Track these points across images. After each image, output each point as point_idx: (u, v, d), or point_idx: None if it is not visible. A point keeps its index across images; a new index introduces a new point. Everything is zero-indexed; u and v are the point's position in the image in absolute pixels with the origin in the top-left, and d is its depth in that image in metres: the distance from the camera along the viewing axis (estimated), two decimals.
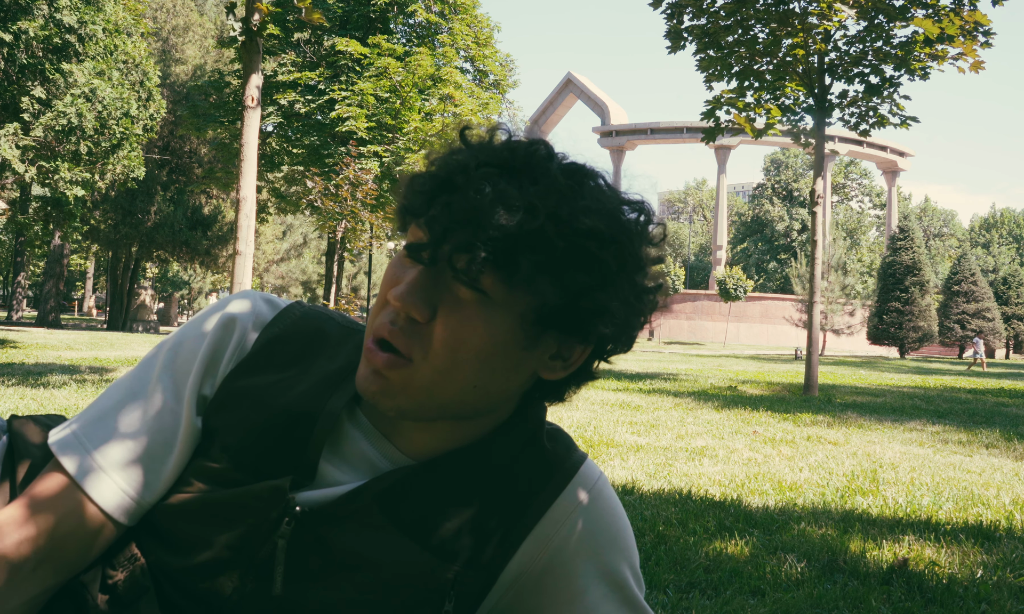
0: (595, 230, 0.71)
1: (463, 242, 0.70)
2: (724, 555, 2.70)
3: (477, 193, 0.70)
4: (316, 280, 51.94)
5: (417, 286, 0.73)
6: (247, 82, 7.01)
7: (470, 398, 0.76)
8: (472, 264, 0.70)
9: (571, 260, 0.71)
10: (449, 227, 0.70)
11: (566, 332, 0.75)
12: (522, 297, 0.72)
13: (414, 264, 0.75)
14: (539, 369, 0.78)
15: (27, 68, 14.72)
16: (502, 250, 0.69)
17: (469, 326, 0.72)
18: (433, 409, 0.76)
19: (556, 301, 0.72)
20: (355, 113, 19.79)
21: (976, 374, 20.77)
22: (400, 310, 0.73)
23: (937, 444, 6.07)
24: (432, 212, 0.72)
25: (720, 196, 48.26)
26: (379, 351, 0.74)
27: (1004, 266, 60.80)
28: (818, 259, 10.46)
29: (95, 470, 0.77)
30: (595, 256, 0.71)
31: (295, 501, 0.77)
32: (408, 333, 0.73)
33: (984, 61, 9.70)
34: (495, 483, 0.82)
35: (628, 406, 7.82)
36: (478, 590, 0.81)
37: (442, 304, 0.73)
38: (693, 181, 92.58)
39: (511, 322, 0.73)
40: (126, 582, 0.78)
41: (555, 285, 0.71)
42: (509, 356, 0.75)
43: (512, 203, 0.69)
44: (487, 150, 0.74)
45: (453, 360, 0.73)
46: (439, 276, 0.73)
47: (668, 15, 10.76)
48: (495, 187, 0.70)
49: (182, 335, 0.84)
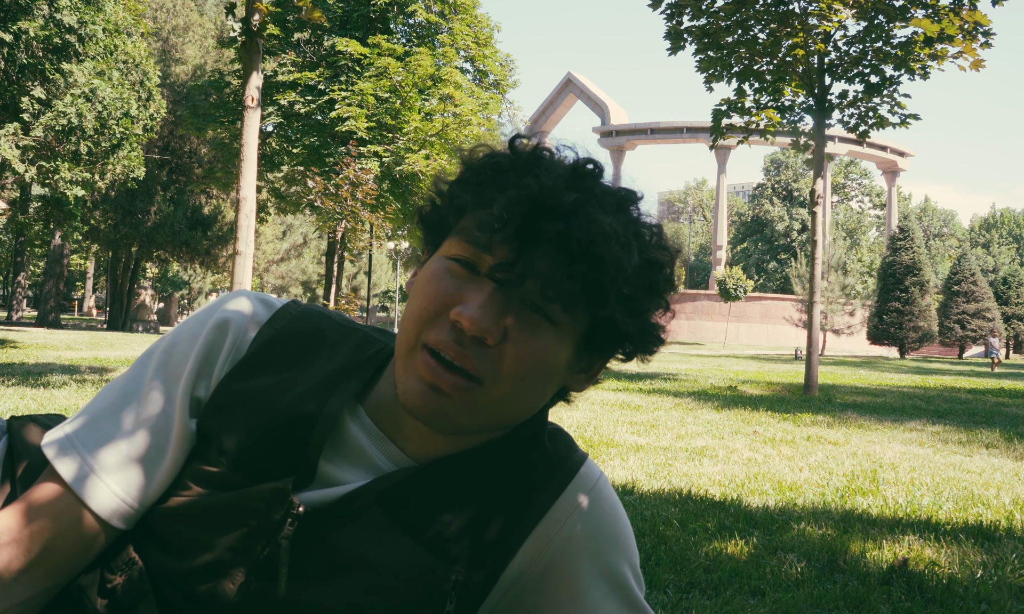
0: (659, 262, 0.76)
1: (561, 270, 0.70)
2: (724, 555, 2.70)
3: (580, 221, 0.70)
4: (316, 280, 51.94)
5: (493, 308, 0.72)
6: (247, 82, 7.01)
7: (522, 417, 0.79)
8: (568, 293, 0.71)
9: (643, 290, 0.75)
10: (547, 252, 0.70)
11: (608, 352, 0.80)
12: (581, 321, 0.75)
13: (474, 279, 0.73)
14: (569, 383, 0.81)
15: (27, 68, 14.72)
16: (598, 282, 0.71)
17: (539, 351, 0.73)
18: (486, 427, 0.77)
19: (626, 329, 0.75)
20: (355, 113, 19.78)
21: (980, 374, 20.74)
22: (471, 331, 0.71)
23: (937, 444, 6.06)
24: (518, 231, 0.71)
25: (720, 196, 48.24)
26: (445, 371, 0.72)
27: (1004, 266, 60.80)
28: (818, 259, 10.46)
29: (89, 475, 0.77)
30: (658, 287, 0.77)
31: (297, 502, 0.77)
32: (476, 355, 0.72)
33: (984, 59, 9.70)
34: (496, 483, 0.82)
35: (628, 406, 7.82)
36: (479, 590, 0.81)
37: (510, 327, 0.73)
38: (693, 181, 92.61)
39: (571, 346, 0.76)
40: (124, 586, 0.78)
41: (630, 314, 0.75)
42: (560, 378, 0.78)
43: (616, 236, 0.71)
44: (559, 170, 0.74)
45: (520, 383, 0.74)
46: (509, 296, 0.73)
47: (668, 16, 10.75)
48: (597, 216, 0.71)
49: (176, 336, 0.83)
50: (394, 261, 58.92)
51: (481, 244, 0.72)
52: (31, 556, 0.75)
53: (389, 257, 58.03)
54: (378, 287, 56.66)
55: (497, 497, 0.82)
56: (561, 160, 0.76)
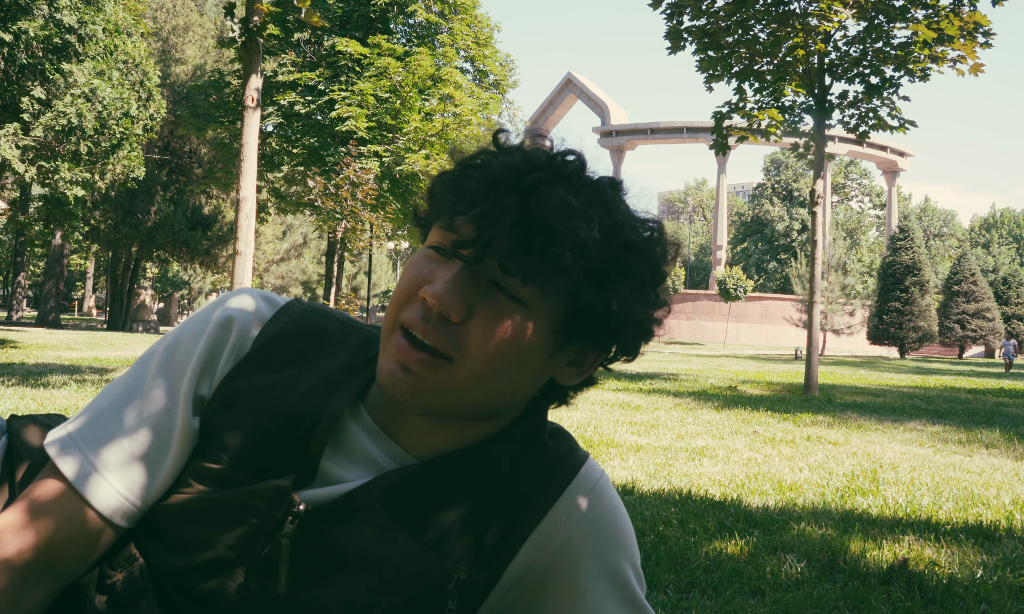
0: (635, 243, 0.75)
1: (518, 244, 0.71)
2: (724, 555, 2.70)
3: (538, 197, 0.71)
4: (316, 280, 51.94)
5: (457, 284, 0.73)
6: (247, 82, 7.01)
7: (497, 402, 0.78)
8: (525, 267, 0.71)
9: (615, 270, 0.74)
10: (503, 227, 0.71)
11: (589, 340, 0.78)
12: (556, 304, 0.74)
13: (446, 261, 0.75)
14: (556, 375, 0.80)
15: (27, 68, 14.71)
16: (556, 255, 0.71)
17: (505, 330, 0.73)
18: (458, 409, 0.77)
19: (597, 309, 0.74)
20: (355, 113, 19.78)
21: (980, 374, 20.74)
22: (435, 307, 0.72)
23: (937, 444, 6.06)
24: (481, 210, 0.72)
25: (720, 196, 48.24)
26: (413, 348, 0.73)
27: (1004, 266, 60.80)
28: (818, 259, 10.46)
29: (92, 473, 0.76)
30: (634, 268, 0.75)
31: (299, 500, 0.77)
32: (442, 332, 0.73)
33: (984, 64, 9.70)
34: (498, 482, 0.82)
35: (628, 406, 7.82)
36: (481, 589, 0.81)
37: (478, 306, 0.73)
38: (693, 181, 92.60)
39: (544, 329, 0.75)
40: (125, 583, 0.78)
41: (598, 293, 0.74)
42: (537, 362, 0.77)
43: (573, 210, 0.71)
44: (533, 156, 0.75)
45: (488, 364, 0.73)
46: (477, 276, 0.73)
47: (668, 15, 10.76)
48: (555, 193, 0.71)
49: (179, 334, 0.83)
50: (394, 261, 58.94)
51: (450, 226, 0.74)
52: (39, 557, 0.74)
53: (389, 257, 58.08)
54: (378, 287, 56.66)
55: (499, 496, 0.82)
56: (545, 149, 0.77)
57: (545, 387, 0.82)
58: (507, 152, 0.76)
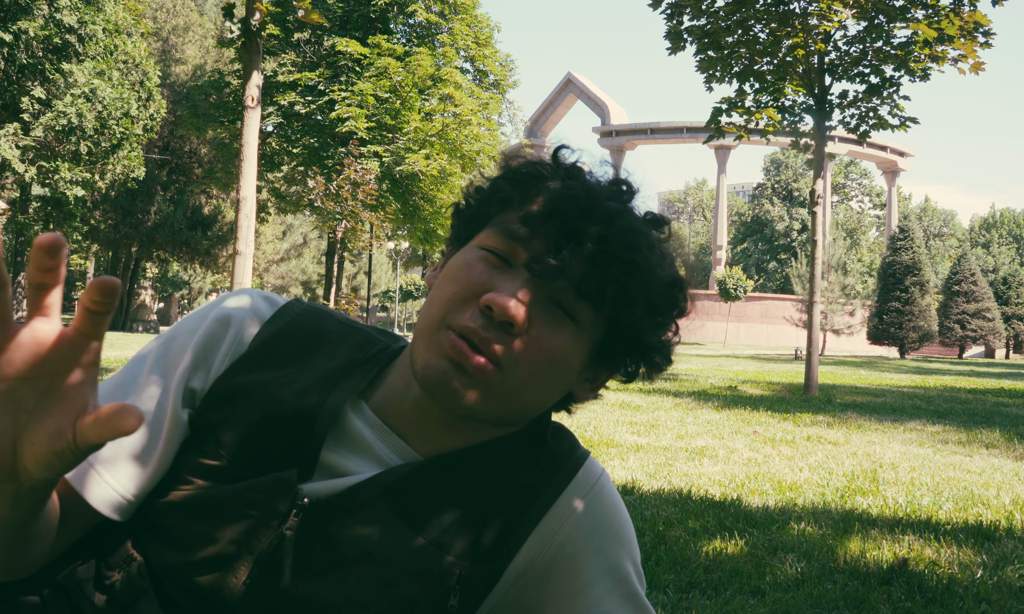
0: (681, 280, 0.80)
1: (595, 272, 0.73)
2: (724, 555, 2.70)
3: (621, 227, 0.74)
4: (316, 280, 51.95)
5: (523, 296, 0.74)
6: (247, 82, 7.01)
7: (531, 412, 0.81)
8: (600, 295, 0.74)
9: (667, 304, 0.79)
10: (583, 253, 0.73)
11: (615, 363, 0.82)
12: (600, 327, 0.78)
13: (507, 269, 0.76)
14: (575, 388, 0.83)
15: (27, 68, 14.73)
16: (629, 287, 0.75)
17: (557, 348, 0.76)
18: (496, 416, 0.78)
19: (648, 341, 0.79)
20: (355, 113, 19.78)
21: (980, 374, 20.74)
22: (497, 316, 0.73)
23: (937, 444, 6.06)
24: (558, 230, 0.74)
25: (720, 196, 48.24)
26: (471, 352, 0.74)
27: (1004, 266, 60.75)
28: (818, 259, 10.46)
29: (84, 466, 0.76)
30: (676, 301, 0.80)
31: (302, 493, 0.77)
32: (499, 341, 0.74)
33: (984, 63, 9.70)
34: (500, 480, 0.83)
35: (628, 406, 7.82)
36: (483, 585, 0.81)
37: (535, 318, 0.75)
38: (693, 181, 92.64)
39: (587, 348, 0.78)
40: (123, 582, 0.78)
41: (652, 327, 0.79)
42: (572, 378, 0.80)
43: (652, 245, 0.76)
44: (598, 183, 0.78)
45: (536, 377, 0.76)
46: (539, 289, 0.75)
47: (668, 16, 10.76)
48: (633, 224, 0.75)
49: (175, 329, 0.84)
50: (394, 261, 58.93)
51: (519, 237, 0.75)
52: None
53: (389, 257, 58.06)
54: (378, 287, 56.68)
55: (501, 493, 0.82)
56: (607, 176, 0.81)
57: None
58: (569, 173, 0.79)
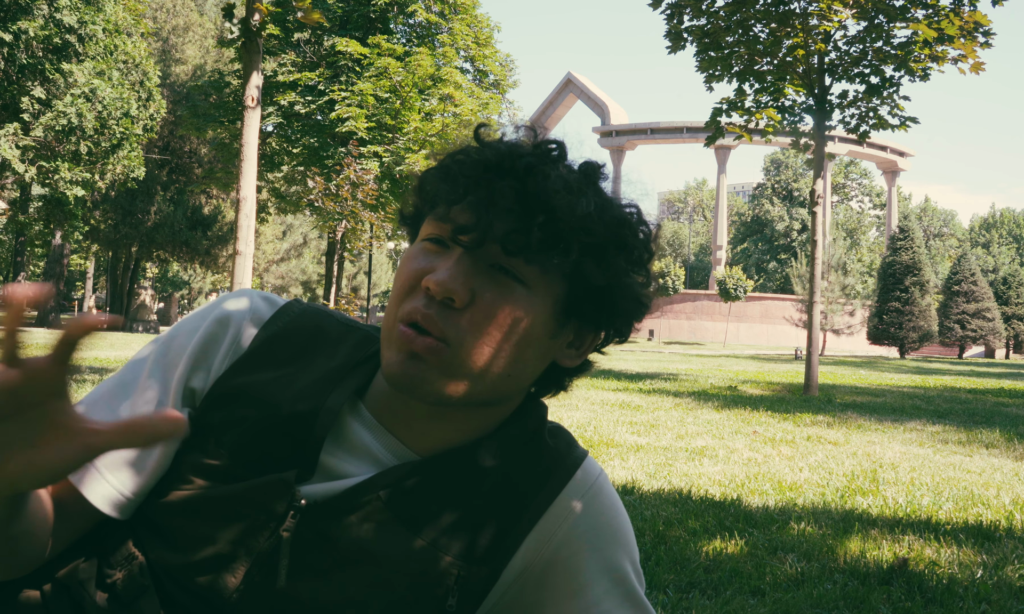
0: (627, 219, 0.78)
1: (519, 224, 0.72)
2: (724, 555, 2.70)
3: (535, 178, 0.73)
4: (316, 280, 51.96)
5: (459, 269, 0.73)
6: (247, 82, 7.01)
7: (503, 386, 0.78)
8: (527, 246, 0.72)
9: (612, 245, 0.76)
10: (503, 209, 0.72)
11: (588, 318, 0.80)
12: (557, 283, 0.76)
13: (445, 251, 0.76)
14: (558, 357, 0.82)
15: (27, 68, 14.73)
16: (558, 232, 0.73)
17: (508, 311, 0.74)
18: (466, 395, 0.77)
19: (597, 283, 0.76)
20: (355, 113, 19.79)
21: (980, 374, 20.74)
22: (436, 294, 0.73)
23: (937, 444, 6.06)
24: (477, 196, 0.73)
25: (720, 196, 48.24)
26: (418, 336, 0.74)
27: (1004, 266, 60.73)
28: (818, 259, 10.46)
29: (85, 465, 0.77)
30: (629, 243, 0.77)
31: (300, 494, 0.77)
32: (443, 318, 0.73)
33: (984, 63, 9.69)
34: (498, 480, 0.82)
35: (628, 406, 7.82)
36: (481, 586, 0.81)
37: (480, 289, 0.74)
38: (693, 181, 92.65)
39: (546, 309, 0.77)
40: (125, 581, 0.78)
41: (599, 268, 0.76)
42: (539, 343, 0.78)
43: (571, 187, 0.73)
44: (518, 144, 0.78)
45: (492, 345, 0.75)
46: (477, 261, 0.74)
47: (668, 15, 10.76)
48: (551, 172, 0.73)
49: (175, 330, 0.85)
50: (394, 261, 58.94)
51: (448, 217, 0.75)
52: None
53: (389, 257, 58.07)
54: (378, 287, 56.68)
55: (499, 493, 0.82)
56: (527, 138, 0.80)
57: (545, 372, 0.83)
58: (491, 144, 0.78)
